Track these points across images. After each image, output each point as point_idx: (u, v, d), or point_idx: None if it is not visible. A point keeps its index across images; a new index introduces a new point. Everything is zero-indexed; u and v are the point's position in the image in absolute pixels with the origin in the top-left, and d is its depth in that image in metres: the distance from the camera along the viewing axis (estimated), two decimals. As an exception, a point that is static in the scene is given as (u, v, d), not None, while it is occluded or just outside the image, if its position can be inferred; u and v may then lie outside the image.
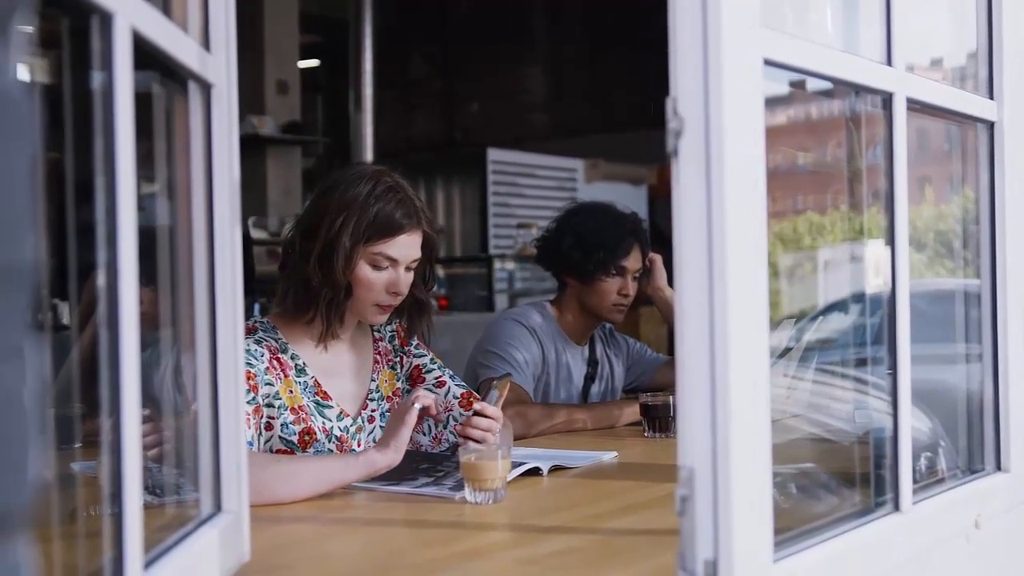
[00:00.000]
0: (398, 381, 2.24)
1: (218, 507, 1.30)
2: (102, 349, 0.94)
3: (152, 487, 1.28)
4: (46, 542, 0.93)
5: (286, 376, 2.06)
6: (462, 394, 2.23)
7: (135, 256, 0.96)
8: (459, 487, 1.82)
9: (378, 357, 2.23)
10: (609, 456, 2.24)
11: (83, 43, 0.94)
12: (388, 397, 2.22)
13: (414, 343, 2.28)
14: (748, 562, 1.10)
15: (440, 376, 2.25)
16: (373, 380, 2.20)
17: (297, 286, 2.07)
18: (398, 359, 2.26)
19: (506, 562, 1.46)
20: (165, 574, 1.06)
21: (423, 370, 2.25)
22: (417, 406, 1.87)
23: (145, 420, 1.36)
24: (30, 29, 0.65)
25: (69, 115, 0.99)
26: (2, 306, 0.51)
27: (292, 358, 2.09)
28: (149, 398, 1.10)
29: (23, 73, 0.59)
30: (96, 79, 0.95)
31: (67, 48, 0.97)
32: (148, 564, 1.03)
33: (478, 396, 2.21)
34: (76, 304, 1.02)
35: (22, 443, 0.53)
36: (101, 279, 0.94)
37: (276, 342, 2.09)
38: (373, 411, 2.18)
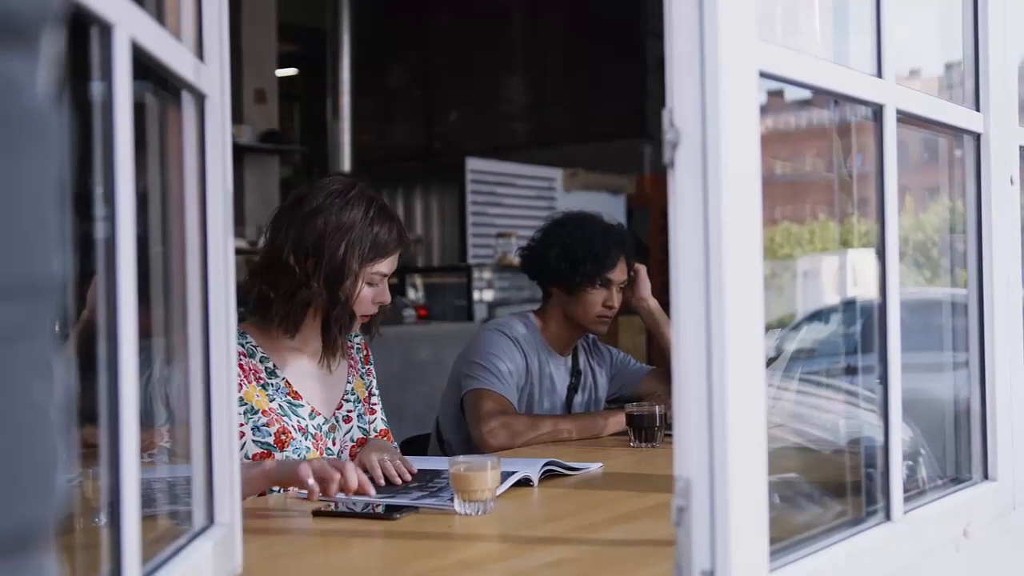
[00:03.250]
0: (366, 390, 2.34)
1: (211, 520, 1.29)
2: (100, 361, 0.93)
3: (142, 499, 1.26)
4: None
5: (257, 379, 2.11)
6: (382, 430, 2.36)
7: (133, 266, 0.96)
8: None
9: (352, 363, 2.32)
10: (595, 467, 2.24)
11: (80, 53, 0.93)
12: (363, 400, 2.31)
13: (371, 363, 2.39)
14: (745, 572, 1.10)
15: (375, 404, 2.37)
16: (349, 382, 2.29)
17: (298, 305, 2.11)
18: (364, 370, 2.36)
19: (500, 573, 1.46)
20: (161, 588, 1.05)
21: (371, 392, 2.37)
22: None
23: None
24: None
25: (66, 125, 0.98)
26: (34, 320, 0.51)
27: (261, 361, 2.14)
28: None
29: (51, 89, 0.58)
30: (95, 89, 0.94)
31: (64, 58, 0.96)
32: (144, 578, 1.02)
33: (389, 433, 2.36)
34: (74, 315, 1.01)
35: (52, 457, 0.52)
36: (100, 290, 0.93)
37: (243, 347, 2.13)
38: (349, 411, 2.26)
